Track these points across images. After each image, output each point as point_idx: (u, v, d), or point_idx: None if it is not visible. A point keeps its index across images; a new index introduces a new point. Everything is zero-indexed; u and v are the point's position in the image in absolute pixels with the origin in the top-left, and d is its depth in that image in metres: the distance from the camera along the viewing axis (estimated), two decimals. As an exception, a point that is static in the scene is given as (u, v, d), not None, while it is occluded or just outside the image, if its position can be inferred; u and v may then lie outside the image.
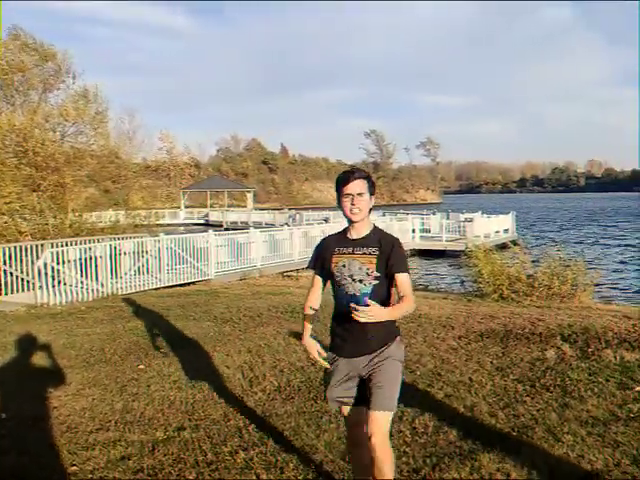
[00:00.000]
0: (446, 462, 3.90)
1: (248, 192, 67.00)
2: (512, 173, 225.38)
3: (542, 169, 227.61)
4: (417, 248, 27.18)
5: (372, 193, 3.18)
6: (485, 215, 32.19)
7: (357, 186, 3.10)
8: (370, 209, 3.19)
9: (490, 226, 30.15)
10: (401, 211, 42.51)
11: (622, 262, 24.51)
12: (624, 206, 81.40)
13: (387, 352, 3.16)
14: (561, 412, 4.67)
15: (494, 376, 5.62)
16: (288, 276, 16.37)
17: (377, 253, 3.09)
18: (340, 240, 3.23)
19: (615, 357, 6.06)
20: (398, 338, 3.28)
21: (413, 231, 28.25)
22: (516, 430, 4.39)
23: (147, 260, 13.56)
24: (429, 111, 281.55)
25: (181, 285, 13.81)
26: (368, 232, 3.18)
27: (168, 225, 45.14)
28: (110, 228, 18.75)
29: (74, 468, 4.00)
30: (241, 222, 45.00)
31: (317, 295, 3.46)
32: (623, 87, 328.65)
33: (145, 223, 22.18)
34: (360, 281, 3.06)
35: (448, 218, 31.28)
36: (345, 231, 3.26)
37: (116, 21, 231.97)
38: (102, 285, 12.33)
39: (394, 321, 3.22)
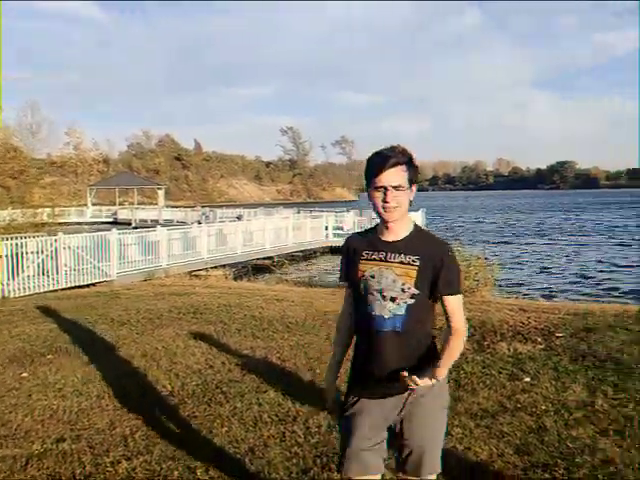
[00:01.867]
0: (335, 462, 3.85)
1: (159, 189, 65.47)
2: (425, 171, 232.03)
3: (453, 167, 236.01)
4: (330, 245, 27.41)
5: (414, 181, 2.40)
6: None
7: (393, 176, 2.32)
8: (410, 202, 2.41)
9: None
10: (316, 209, 42.72)
11: (525, 259, 25.53)
12: (529, 203, 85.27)
13: (427, 393, 2.41)
14: (453, 406, 4.71)
15: (393, 373, 5.63)
16: (196, 275, 16.03)
17: (418, 264, 2.35)
18: (370, 242, 2.48)
19: (509, 349, 6.22)
20: None
21: (327, 228, 28.42)
22: (408, 426, 4.39)
23: (43, 260, 12.91)
24: (345, 109, 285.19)
25: (81, 287, 13.22)
26: (407, 234, 2.43)
27: (75, 224, 43.61)
28: (3, 228, 17.76)
29: None
30: (151, 220, 43.95)
31: (350, 329, 2.66)
32: (530, 89, 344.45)
33: (46, 222, 21.16)
34: (392, 299, 2.35)
35: (361, 215, 31.61)
36: (376, 229, 2.51)
37: (16, 7, 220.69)
38: (-8, 288, 11.64)
39: (435, 349, 2.49)
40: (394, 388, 2.39)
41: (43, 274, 12.85)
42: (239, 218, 32.91)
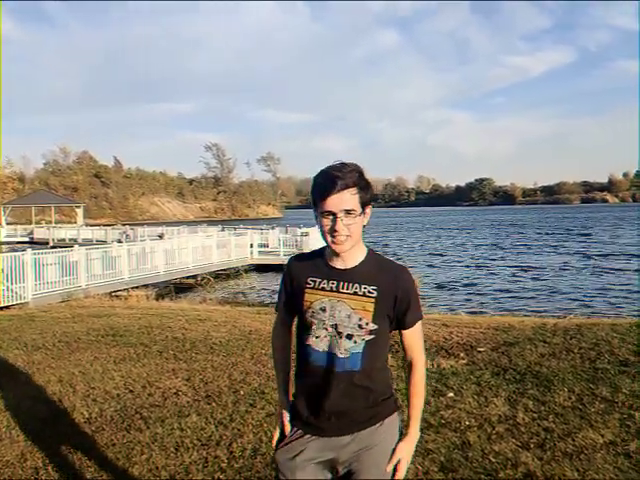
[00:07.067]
0: (261, 486, 3.77)
1: (78, 207, 63.53)
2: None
3: (376, 184, 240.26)
4: (255, 263, 27.26)
5: (368, 202, 2.07)
6: (321, 229, 32.91)
7: (343, 200, 1.99)
8: (363, 227, 2.10)
9: (325, 240, 30.98)
10: (241, 226, 42.52)
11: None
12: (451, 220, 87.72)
13: (376, 435, 2.14)
14: (379, 424, 4.71)
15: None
16: (117, 296, 15.56)
17: (375, 295, 2.07)
18: (317, 267, 2.16)
19: (432, 365, 6.28)
20: (395, 414, 2.23)
21: (251, 246, 28.23)
22: (333, 447, 4.34)
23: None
24: (270, 127, 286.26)
25: (-7, 310, 12.58)
26: (362, 260, 2.12)
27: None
28: None
29: None
30: (70, 239, 42.53)
31: (286, 347, 2.37)
32: (448, 110, 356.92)
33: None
34: (349, 337, 2.07)
35: (286, 233, 31.63)
36: (324, 253, 2.17)
37: None
38: None
39: (389, 383, 2.26)
40: (344, 426, 2.13)
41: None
42: (161, 236, 32.29)
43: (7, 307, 12.92)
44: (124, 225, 46.97)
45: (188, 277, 21.68)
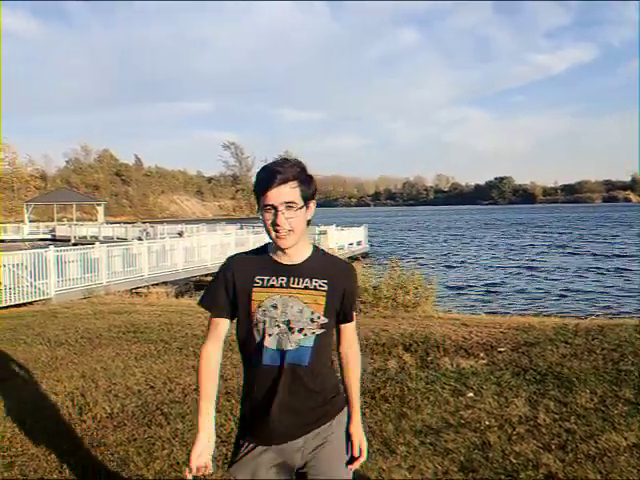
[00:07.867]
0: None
1: (98, 205, 64.16)
2: (367, 187, 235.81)
3: (394, 183, 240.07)
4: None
5: (310, 197, 2.10)
6: (339, 228, 32.92)
7: (282, 193, 2.01)
8: (309, 221, 2.12)
9: (343, 238, 30.96)
10: (259, 224, 42.55)
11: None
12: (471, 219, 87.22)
13: (326, 433, 2.16)
14: (397, 423, 4.71)
15: (336, 390, 5.58)
16: (137, 293, 15.67)
17: (326, 289, 2.10)
18: (263, 265, 2.14)
19: (452, 364, 6.26)
20: (345, 409, 2.27)
21: (270, 244, 28.27)
22: (352, 445, 4.35)
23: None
24: (288, 126, 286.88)
25: (17, 306, 12.73)
26: (309, 256, 2.15)
27: (11, 241, 42.37)
28: None
29: None
30: (91, 237, 42.94)
31: (217, 356, 2.19)
32: (466, 108, 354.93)
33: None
34: (300, 331, 2.07)
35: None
36: (267, 250, 2.18)
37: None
38: None
39: (336, 381, 2.27)
40: (296, 428, 2.11)
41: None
42: (180, 234, 32.49)
43: (31, 303, 13.10)
44: (144, 223, 47.23)
45: (207, 275, 21.76)
